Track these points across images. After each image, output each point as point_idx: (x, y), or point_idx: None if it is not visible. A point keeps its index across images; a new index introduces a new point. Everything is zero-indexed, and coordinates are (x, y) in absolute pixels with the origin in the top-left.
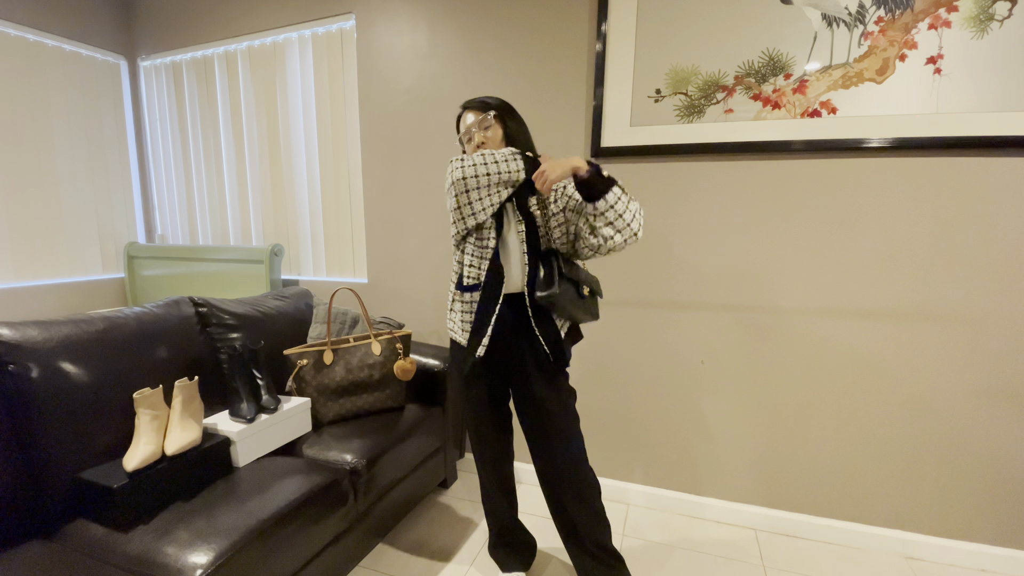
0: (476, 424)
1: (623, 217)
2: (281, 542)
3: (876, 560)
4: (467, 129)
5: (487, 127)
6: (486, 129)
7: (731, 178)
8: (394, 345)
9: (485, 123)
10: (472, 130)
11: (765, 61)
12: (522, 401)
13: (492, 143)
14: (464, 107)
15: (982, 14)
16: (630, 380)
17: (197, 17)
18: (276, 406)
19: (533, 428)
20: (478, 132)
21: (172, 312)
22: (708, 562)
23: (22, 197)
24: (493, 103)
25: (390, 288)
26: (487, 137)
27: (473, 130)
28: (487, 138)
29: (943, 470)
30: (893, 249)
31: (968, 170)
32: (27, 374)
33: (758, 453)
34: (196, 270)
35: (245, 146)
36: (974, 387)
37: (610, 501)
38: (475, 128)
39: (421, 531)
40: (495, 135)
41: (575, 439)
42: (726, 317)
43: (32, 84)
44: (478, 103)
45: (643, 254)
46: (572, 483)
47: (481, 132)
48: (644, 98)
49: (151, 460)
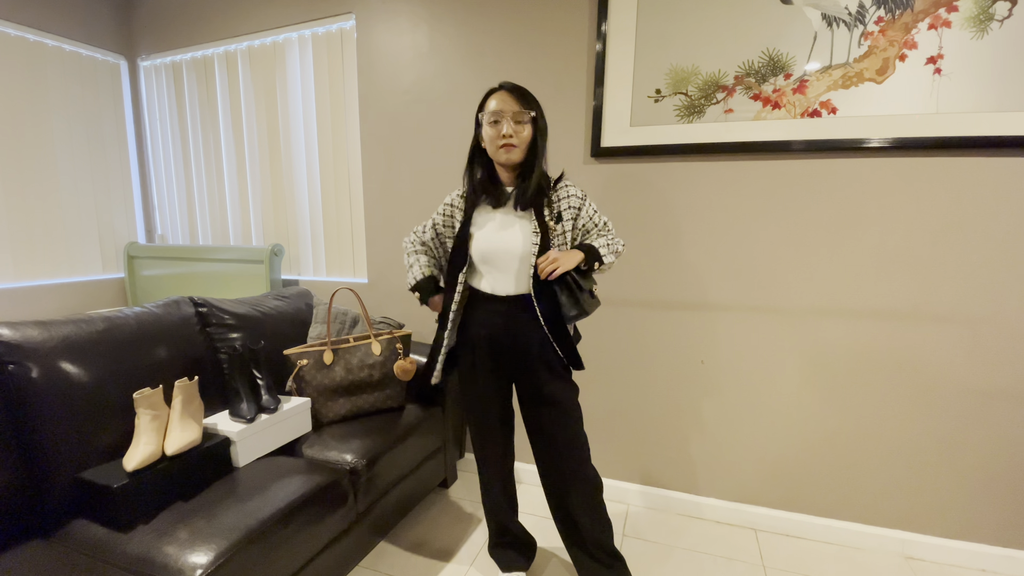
0: (478, 422)
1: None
2: (281, 542)
3: (876, 560)
4: (497, 111)
5: (522, 122)
6: (520, 123)
7: (731, 178)
8: (394, 345)
9: (522, 118)
10: (504, 116)
11: (765, 61)
12: (529, 400)
13: (520, 140)
14: (502, 87)
15: (982, 14)
16: (630, 380)
17: (197, 17)
18: (276, 406)
19: (540, 427)
20: (510, 123)
21: (172, 312)
22: (708, 562)
23: (22, 197)
24: (536, 104)
25: (390, 288)
26: (517, 132)
27: (506, 117)
28: (516, 133)
29: (943, 470)
30: (893, 249)
31: (968, 170)
32: (27, 374)
33: (758, 453)
34: (196, 270)
35: (245, 146)
36: (974, 387)
37: (610, 501)
38: (509, 116)
39: (421, 531)
40: (526, 135)
41: (581, 438)
42: (726, 317)
43: (32, 84)
44: (520, 93)
45: (643, 254)
46: (576, 483)
47: (514, 124)
48: (644, 98)
49: (151, 460)
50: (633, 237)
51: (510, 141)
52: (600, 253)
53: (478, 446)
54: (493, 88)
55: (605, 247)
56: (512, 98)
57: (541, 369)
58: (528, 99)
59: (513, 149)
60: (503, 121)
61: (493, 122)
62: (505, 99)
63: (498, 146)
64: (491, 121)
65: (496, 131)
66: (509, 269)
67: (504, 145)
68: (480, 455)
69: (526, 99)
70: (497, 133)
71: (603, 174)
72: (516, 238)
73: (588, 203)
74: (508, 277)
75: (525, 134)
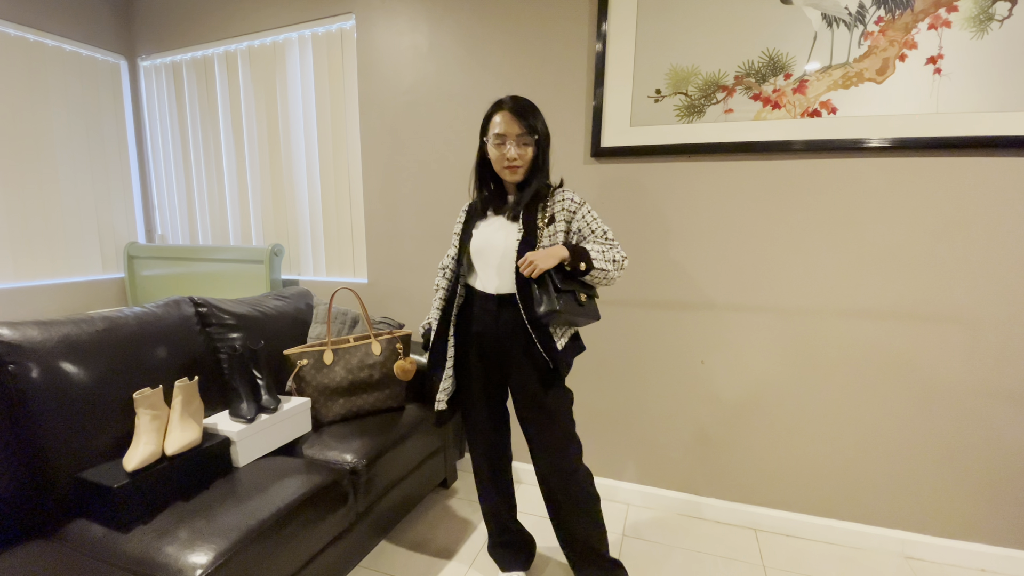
0: (472, 421)
1: (608, 276)
2: (281, 542)
3: (876, 560)
4: (502, 134)
5: (526, 145)
6: (525, 146)
7: (731, 178)
8: (394, 345)
9: (526, 141)
10: (509, 139)
11: (765, 61)
12: (520, 403)
13: (523, 161)
14: (505, 106)
15: (982, 14)
16: (630, 380)
17: (197, 17)
18: (276, 406)
19: (530, 431)
20: (515, 145)
21: (172, 312)
22: (708, 562)
23: (22, 197)
24: (540, 129)
25: (390, 288)
26: (521, 155)
27: (510, 141)
28: (520, 156)
29: (943, 470)
30: (893, 249)
31: (968, 170)
32: (27, 374)
33: (758, 453)
34: (196, 270)
35: (245, 146)
36: (974, 387)
37: (610, 501)
38: (513, 140)
39: (421, 531)
40: (530, 156)
41: (572, 444)
42: (726, 317)
43: (32, 84)
44: (523, 114)
45: (643, 254)
46: (568, 488)
47: (519, 147)
48: (644, 98)
49: (151, 460)
50: (633, 237)
51: (514, 164)
52: (590, 256)
53: (472, 445)
54: (496, 105)
55: (599, 253)
56: (516, 122)
57: (529, 371)
58: (531, 120)
59: (518, 170)
60: (508, 144)
61: (498, 143)
62: (509, 122)
63: (503, 167)
64: (495, 142)
65: (501, 153)
66: (494, 265)
67: (509, 167)
68: (473, 451)
69: (528, 121)
70: (502, 156)
71: (603, 174)
72: (502, 235)
73: (586, 208)
74: (493, 273)
75: (529, 155)
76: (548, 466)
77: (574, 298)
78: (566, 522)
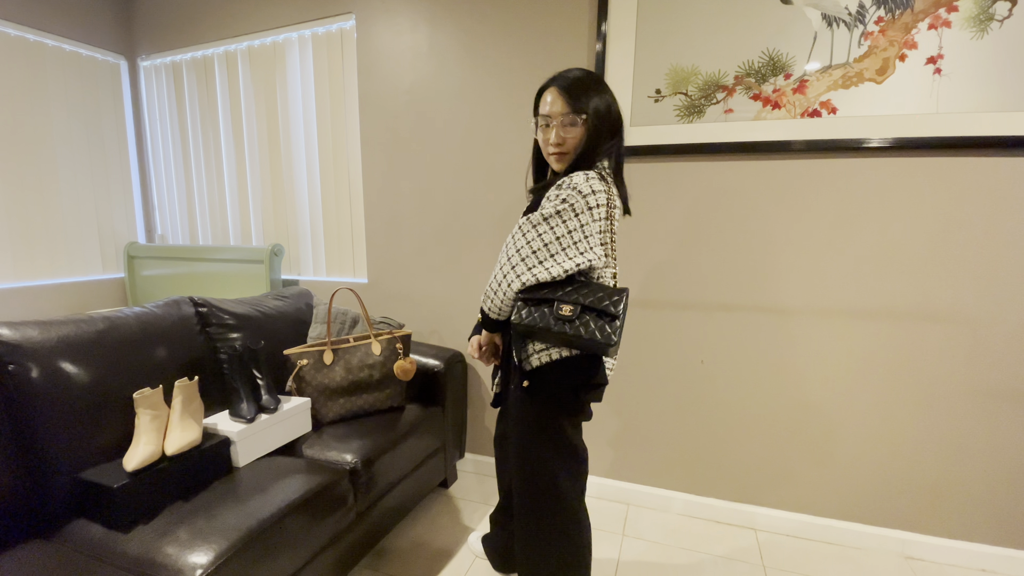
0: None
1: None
2: (281, 542)
3: (876, 560)
4: (547, 115)
5: (571, 125)
6: (571, 125)
7: (731, 178)
8: (394, 345)
9: (570, 121)
10: (554, 119)
11: (765, 61)
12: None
13: (569, 147)
14: (556, 84)
15: (982, 14)
16: (630, 380)
17: (197, 17)
18: (276, 406)
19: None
20: (559, 127)
21: (172, 312)
22: (708, 562)
23: (22, 197)
24: (593, 107)
25: (390, 288)
26: (565, 139)
27: (554, 121)
28: (564, 140)
29: (943, 470)
30: (893, 249)
31: (968, 170)
32: (27, 374)
33: (758, 453)
34: (196, 270)
35: (245, 146)
36: (974, 387)
37: (610, 501)
38: (556, 121)
39: (421, 531)
40: (576, 138)
41: (525, 487)
42: (726, 317)
43: (32, 84)
44: (571, 90)
45: (643, 254)
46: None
47: (563, 128)
48: (644, 98)
49: (151, 460)
50: (633, 237)
51: (560, 149)
52: (482, 309)
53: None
54: (546, 83)
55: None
56: (561, 99)
57: (514, 380)
58: (580, 98)
59: (564, 157)
60: (552, 126)
61: (544, 125)
62: (555, 99)
63: (548, 153)
64: (542, 124)
65: (545, 137)
66: None
67: (554, 153)
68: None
69: (577, 97)
70: (545, 140)
71: None
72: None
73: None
74: None
75: (574, 137)
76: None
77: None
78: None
